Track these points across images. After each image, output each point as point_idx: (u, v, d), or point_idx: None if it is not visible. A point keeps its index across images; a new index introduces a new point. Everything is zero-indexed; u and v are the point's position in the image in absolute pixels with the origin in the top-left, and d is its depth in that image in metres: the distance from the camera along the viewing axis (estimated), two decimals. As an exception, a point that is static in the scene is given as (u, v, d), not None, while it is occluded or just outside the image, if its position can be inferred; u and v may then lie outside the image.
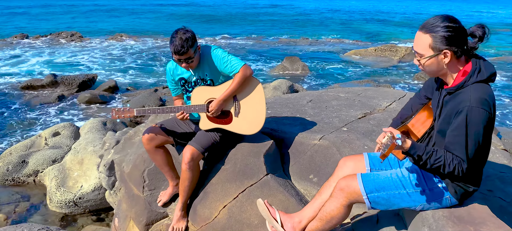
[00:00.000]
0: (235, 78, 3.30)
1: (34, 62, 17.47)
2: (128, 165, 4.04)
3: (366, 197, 2.38)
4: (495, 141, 3.75)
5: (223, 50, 3.37)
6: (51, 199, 6.25)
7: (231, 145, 3.61)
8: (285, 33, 27.13)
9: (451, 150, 2.17)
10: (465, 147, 2.13)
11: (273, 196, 3.18)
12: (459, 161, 2.14)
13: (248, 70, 3.32)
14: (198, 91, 3.39)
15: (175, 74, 3.49)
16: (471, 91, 2.12)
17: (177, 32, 3.13)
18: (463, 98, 2.14)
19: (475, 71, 2.16)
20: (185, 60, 3.19)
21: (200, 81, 3.42)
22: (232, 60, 3.29)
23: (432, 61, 2.18)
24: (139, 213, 3.71)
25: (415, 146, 2.15)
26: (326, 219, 2.53)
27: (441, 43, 2.11)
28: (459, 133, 2.12)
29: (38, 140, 7.71)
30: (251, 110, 3.44)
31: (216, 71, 3.37)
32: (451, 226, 2.22)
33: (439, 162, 2.15)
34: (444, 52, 2.13)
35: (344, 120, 4.12)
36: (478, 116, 2.08)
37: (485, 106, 2.08)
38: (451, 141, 2.16)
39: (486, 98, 2.09)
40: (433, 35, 2.12)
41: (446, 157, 2.15)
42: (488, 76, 2.16)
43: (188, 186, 3.36)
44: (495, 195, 3.03)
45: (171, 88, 3.60)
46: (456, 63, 2.20)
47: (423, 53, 2.17)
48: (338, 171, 2.73)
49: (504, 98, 12.60)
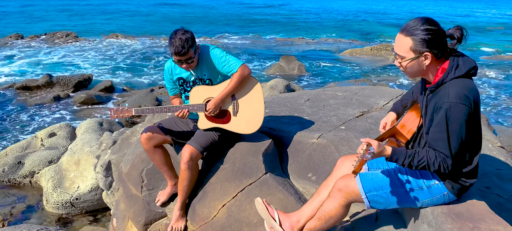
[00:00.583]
0: (233, 78, 3.30)
1: (29, 62, 17.37)
2: (126, 165, 4.03)
3: (365, 196, 2.39)
4: (491, 138, 3.77)
5: (221, 50, 3.36)
6: (48, 200, 6.22)
7: (230, 144, 3.61)
8: (281, 33, 27.13)
9: (433, 146, 2.20)
10: (448, 142, 2.16)
11: (272, 195, 3.19)
12: (443, 158, 2.18)
13: (246, 69, 3.32)
14: (196, 91, 3.38)
15: (174, 73, 3.48)
16: (450, 87, 2.17)
17: (176, 33, 3.12)
18: (442, 95, 2.18)
19: (453, 68, 2.20)
20: (185, 61, 3.18)
21: (198, 81, 3.41)
22: (230, 60, 3.29)
23: (413, 63, 2.23)
24: (137, 213, 3.70)
25: (396, 153, 2.19)
26: (325, 218, 2.54)
27: (421, 46, 2.16)
28: (440, 129, 2.16)
29: (34, 140, 7.67)
30: (249, 109, 3.44)
31: (214, 71, 3.36)
32: (450, 223, 2.23)
33: (423, 163, 2.19)
34: (425, 55, 2.18)
35: (342, 119, 4.13)
36: (457, 111, 2.12)
37: (464, 101, 2.12)
38: (433, 137, 2.21)
39: (465, 93, 2.13)
40: (413, 38, 2.16)
41: (428, 156, 2.19)
42: (466, 71, 2.19)
43: (187, 185, 3.36)
44: (492, 192, 3.05)
45: (169, 88, 3.59)
46: (436, 63, 2.25)
47: (404, 55, 2.22)
48: (336, 171, 2.73)
49: (498, 96, 12.67)
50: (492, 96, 12.63)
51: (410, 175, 2.41)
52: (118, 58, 18.57)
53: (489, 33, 26.98)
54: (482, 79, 14.87)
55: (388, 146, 2.19)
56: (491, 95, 12.75)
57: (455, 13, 39.39)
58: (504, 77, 15.21)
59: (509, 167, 3.40)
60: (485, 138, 3.76)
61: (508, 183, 3.15)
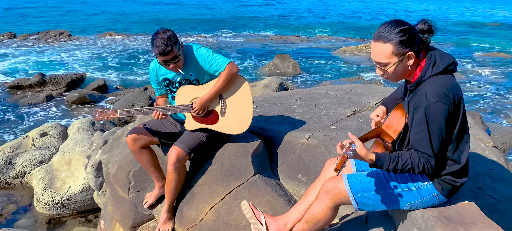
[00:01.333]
0: (220, 77, 3.22)
1: (21, 61, 17.22)
2: (114, 166, 3.96)
3: (353, 198, 2.33)
4: (484, 138, 3.72)
5: (207, 48, 3.27)
6: (39, 200, 6.15)
7: (218, 145, 3.54)
8: (276, 31, 27.04)
9: (416, 147, 2.16)
10: (429, 142, 2.13)
11: (261, 196, 3.12)
12: (426, 158, 2.14)
13: (234, 67, 3.23)
14: (182, 91, 3.30)
15: (159, 74, 3.39)
16: (428, 85, 2.14)
17: (157, 33, 3.04)
18: (421, 94, 2.16)
19: (430, 65, 2.18)
20: (171, 60, 3.08)
21: (184, 82, 3.33)
22: (217, 58, 3.20)
23: (398, 67, 2.20)
24: (124, 215, 3.63)
25: (379, 159, 2.14)
26: (313, 221, 2.48)
27: (402, 48, 2.14)
28: (421, 129, 2.13)
29: (25, 140, 7.59)
30: (237, 109, 3.36)
31: (201, 71, 3.28)
32: (441, 227, 2.17)
33: (407, 166, 2.15)
34: (408, 55, 2.16)
35: (333, 118, 4.07)
36: (436, 110, 2.09)
37: (442, 99, 2.09)
38: (414, 138, 2.17)
39: (443, 91, 2.10)
40: (392, 43, 2.14)
41: (412, 158, 2.14)
42: (444, 67, 2.16)
43: (174, 187, 3.28)
44: (485, 193, 3.00)
45: (155, 88, 3.51)
46: (417, 62, 2.22)
47: (387, 61, 2.19)
48: (324, 172, 2.68)
49: (492, 93, 12.66)
50: (486, 94, 12.62)
51: (399, 176, 2.36)
52: (112, 57, 18.43)
53: (484, 31, 27.01)
54: (476, 76, 14.86)
55: (372, 152, 2.14)
56: (485, 93, 12.74)
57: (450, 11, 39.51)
58: (498, 75, 15.21)
59: (501, 167, 3.35)
60: (478, 137, 3.71)
61: (500, 183, 3.10)
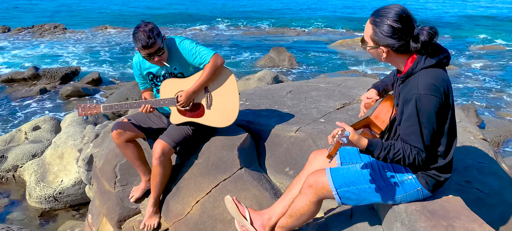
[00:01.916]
0: (205, 69, 3.16)
1: (16, 55, 17.11)
2: (100, 159, 3.92)
3: (335, 192, 2.29)
4: (474, 130, 3.69)
5: (190, 40, 3.22)
6: (31, 194, 6.13)
7: (205, 138, 3.49)
8: (272, 24, 26.91)
9: (407, 141, 2.12)
10: (421, 136, 2.09)
11: (247, 190, 3.08)
12: (417, 151, 2.10)
13: (219, 59, 3.17)
14: (167, 84, 3.25)
15: (143, 68, 3.33)
16: (419, 78, 2.08)
17: (138, 27, 2.97)
18: (411, 86, 2.10)
19: (423, 57, 2.11)
20: (155, 53, 3.01)
21: (168, 75, 3.28)
22: (201, 51, 3.14)
23: (373, 52, 2.19)
24: (111, 209, 3.59)
25: (372, 145, 2.10)
26: (296, 215, 2.45)
27: (379, 39, 2.10)
28: (412, 122, 2.08)
29: (18, 134, 7.55)
30: (223, 102, 3.31)
31: (185, 64, 3.22)
32: (424, 221, 2.14)
33: (399, 156, 2.11)
34: (381, 48, 2.12)
35: (322, 111, 4.03)
36: (427, 103, 2.04)
37: (434, 92, 2.04)
38: (405, 132, 2.13)
39: (434, 84, 2.05)
40: (374, 29, 2.11)
41: (404, 149, 2.11)
42: (437, 61, 2.10)
43: (159, 181, 3.24)
44: (472, 186, 2.97)
45: (139, 82, 3.46)
46: (399, 56, 2.17)
47: (367, 41, 2.18)
48: (308, 166, 2.64)
49: (488, 86, 12.63)
50: (482, 87, 12.59)
51: (382, 170, 2.32)
52: (107, 50, 18.32)
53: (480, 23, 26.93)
54: (472, 69, 14.83)
55: (364, 137, 2.09)
56: (480, 85, 12.71)
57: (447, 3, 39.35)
58: (494, 68, 15.17)
59: (491, 160, 3.31)
60: (467, 130, 3.67)
61: (489, 177, 3.07)
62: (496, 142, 8.38)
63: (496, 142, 8.37)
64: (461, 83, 12.89)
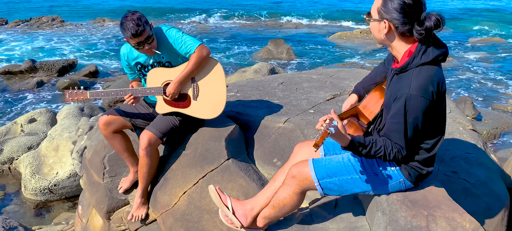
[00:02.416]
0: (190, 59, 3.15)
1: (13, 48, 17.08)
2: (90, 151, 3.91)
3: (318, 183, 2.28)
4: (463, 121, 3.68)
5: (177, 29, 3.20)
6: (26, 186, 6.15)
7: (193, 129, 3.48)
8: (270, 15, 26.79)
9: (390, 137, 2.12)
10: (404, 134, 2.08)
11: (234, 181, 3.08)
12: (398, 149, 2.11)
13: (204, 50, 3.16)
14: (154, 73, 3.23)
15: (130, 58, 3.32)
16: (413, 76, 2.05)
17: (126, 17, 2.96)
18: (403, 83, 2.07)
19: (420, 52, 2.06)
20: (145, 41, 3.00)
21: (157, 65, 3.26)
22: (186, 40, 3.13)
23: (374, 25, 2.14)
24: (99, 200, 3.59)
25: (355, 141, 2.09)
26: (279, 206, 2.44)
27: (385, 11, 2.05)
28: (398, 120, 2.07)
29: (13, 126, 7.56)
30: (210, 93, 3.30)
31: (173, 53, 3.21)
32: (405, 210, 2.14)
33: (380, 153, 2.11)
34: (384, 21, 2.07)
35: (312, 102, 4.01)
36: (416, 104, 2.02)
37: (424, 94, 2.01)
38: (389, 128, 2.12)
39: (427, 85, 2.02)
40: (384, 0, 2.05)
41: (385, 146, 2.11)
42: (434, 58, 2.05)
43: (146, 172, 3.23)
44: (459, 176, 2.96)
45: (128, 73, 3.44)
46: (401, 40, 2.12)
47: (372, 14, 2.14)
48: (293, 157, 2.63)
49: (485, 78, 12.60)
50: (479, 78, 12.57)
51: (365, 161, 2.30)
52: (104, 43, 18.28)
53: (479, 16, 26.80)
54: (470, 61, 14.79)
55: (347, 135, 2.07)
56: (478, 77, 12.69)
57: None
58: (492, 60, 15.14)
59: (478, 151, 3.30)
60: (456, 121, 3.66)
61: (475, 167, 3.06)
62: (493, 134, 8.37)
63: (492, 134, 8.35)
64: (458, 75, 12.86)
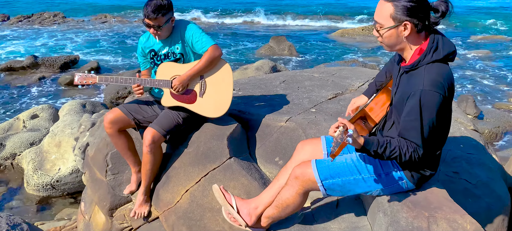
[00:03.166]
0: (202, 57, 3.23)
1: (15, 44, 17.10)
2: (92, 148, 3.93)
3: (321, 184, 2.29)
4: (465, 121, 3.68)
5: (198, 26, 3.32)
6: (28, 182, 6.18)
7: (195, 127, 3.51)
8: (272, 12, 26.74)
9: (405, 136, 2.08)
10: (421, 132, 2.05)
11: (236, 179, 3.09)
12: (414, 148, 2.06)
13: (217, 51, 3.24)
14: (164, 67, 3.31)
15: (146, 46, 3.43)
16: (425, 73, 2.04)
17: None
18: (416, 80, 2.05)
19: (431, 50, 2.06)
20: (153, 26, 3.15)
21: (170, 54, 3.35)
22: (203, 38, 3.23)
23: (392, 33, 2.08)
24: (102, 197, 3.61)
25: (369, 143, 2.05)
26: (282, 206, 2.46)
27: (402, 14, 2.02)
28: (414, 118, 2.04)
29: (16, 122, 7.58)
30: (217, 92, 3.33)
31: (187, 46, 3.31)
32: (406, 211, 2.15)
33: (395, 153, 2.06)
34: (405, 24, 2.04)
35: (314, 101, 4.02)
36: (431, 100, 2.00)
37: (438, 89, 2.00)
38: (405, 126, 2.08)
39: (440, 81, 2.01)
40: (395, 5, 2.02)
41: (400, 146, 2.07)
42: (444, 56, 2.06)
43: (150, 169, 3.26)
44: (460, 177, 2.97)
45: (140, 62, 3.54)
46: (415, 38, 2.11)
47: (383, 23, 2.08)
48: (296, 155, 2.64)
49: (487, 77, 12.57)
50: (481, 77, 12.54)
51: (368, 162, 2.31)
52: (106, 39, 18.29)
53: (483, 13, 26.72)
54: (472, 59, 14.76)
55: (361, 137, 2.05)
56: (480, 75, 12.66)
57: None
58: (495, 58, 15.10)
59: (480, 151, 3.31)
60: (458, 121, 3.67)
61: (477, 167, 3.07)
62: (494, 133, 8.34)
63: (494, 133, 8.33)
64: (460, 73, 12.83)
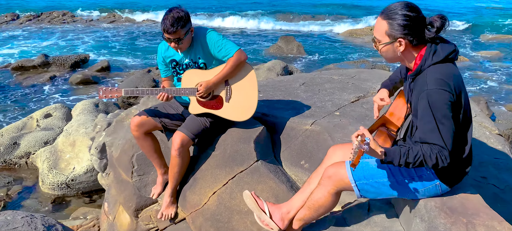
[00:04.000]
0: (228, 62, 3.21)
1: (25, 43, 17.18)
2: (117, 149, 3.97)
3: (354, 184, 2.32)
4: (489, 126, 3.69)
5: (218, 33, 3.27)
6: (43, 181, 6.21)
7: (222, 131, 3.53)
8: (280, 11, 26.72)
9: (426, 140, 2.10)
10: (439, 132, 2.06)
11: (263, 182, 3.12)
12: (438, 149, 2.07)
13: (243, 55, 3.23)
14: (189, 74, 3.30)
15: (167, 56, 3.39)
16: (427, 74, 2.10)
17: (171, 10, 3.05)
18: (421, 83, 2.12)
19: (430, 53, 2.13)
20: (174, 40, 3.09)
21: (192, 64, 3.33)
22: (227, 44, 3.20)
23: (388, 48, 2.19)
24: (128, 198, 3.65)
25: (390, 153, 2.09)
26: (314, 207, 2.48)
27: (396, 31, 2.11)
28: (428, 119, 2.08)
29: (29, 121, 7.62)
30: (242, 96, 3.35)
31: (209, 55, 3.27)
32: (444, 217, 2.16)
33: (419, 158, 2.08)
34: (399, 41, 2.13)
35: (337, 104, 4.04)
36: (438, 98, 2.04)
37: (443, 86, 2.04)
38: (422, 130, 2.11)
39: (443, 78, 2.06)
40: (390, 22, 2.12)
41: (423, 151, 2.08)
42: (445, 56, 2.12)
43: (177, 172, 3.29)
44: (488, 182, 2.98)
45: (161, 70, 3.51)
46: (412, 50, 2.19)
47: (380, 39, 2.19)
48: (327, 160, 2.66)
49: (498, 78, 12.51)
50: (493, 78, 12.48)
51: None
52: (116, 37, 18.36)
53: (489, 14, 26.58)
54: (483, 60, 14.70)
55: (381, 147, 2.08)
56: (492, 76, 12.61)
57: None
58: (505, 58, 15.03)
59: (506, 156, 3.32)
60: (482, 125, 3.68)
61: (505, 172, 3.08)
62: (507, 134, 8.32)
63: (506, 135, 8.31)
64: (470, 73, 12.78)
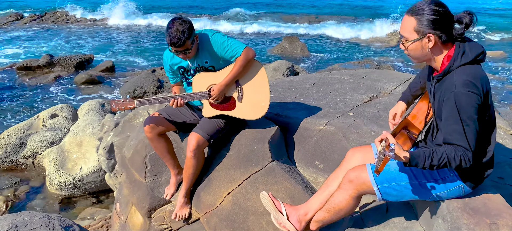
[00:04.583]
0: (237, 62, 3.18)
1: (30, 43, 17.20)
2: (129, 150, 3.96)
3: (377, 188, 2.31)
4: (504, 126, 3.68)
5: (222, 34, 3.23)
6: (51, 181, 6.21)
7: (235, 131, 3.52)
8: (284, 12, 26.70)
9: (450, 140, 2.09)
10: (464, 133, 2.05)
11: (279, 183, 3.11)
12: (462, 151, 2.06)
13: (251, 52, 3.19)
14: (199, 78, 3.27)
15: (173, 63, 3.36)
16: (456, 75, 2.07)
17: (174, 22, 2.98)
18: (448, 84, 2.09)
19: (459, 54, 2.10)
20: (182, 52, 3.06)
21: (200, 69, 3.30)
22: (233, 44, 3.16)
23: (416, 45, 2.14)
24: (141, 199, 3.64)
25: (414, 157, 2.08)
26: (334, 210, 2.47)
27: (425, 27, 2.08)
28: (453, 121, 2.06)
29: (36, 121, 7.62)
30: (254, 94, 3.33)
31: (216, 57, 3.24)
32: (466, 218, 2.15)
33: (444, 160, 2.07)
34: (428, 36, 2.10)
35: (349, 104, 4.03)
36: (466, 100, 2.03)
37: (471, 88, 2.03)
38: (448, 131, 2.10)
39: (471, 80, 2.03)
40: (418, 18, 2.09)
41: (447, 152, 2.07)
42: (474, 57, 2.10)
43: (192, 173, 3.28)
44: (506, 182, 2.96)
45: (170, 77, 3.48)
46: (441, 48, 2.16)
47: (407, 36, 2.15)
48: (346, 163, 2.65)
49: (506, 79, 12.47)
50: (500, 79, 12.45)
51: None
52: (120, 38, 18.38)
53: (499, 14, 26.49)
54: (490, 62, 14.65)
55: (404, 151, 2.07)
56: (499, 78, 12.57)
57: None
58: (508, 59, 14.96)
59: (522, 156, 3.31)
60: (498, 126, 3.66)
61: (521, 173, 3.06)
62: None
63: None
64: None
